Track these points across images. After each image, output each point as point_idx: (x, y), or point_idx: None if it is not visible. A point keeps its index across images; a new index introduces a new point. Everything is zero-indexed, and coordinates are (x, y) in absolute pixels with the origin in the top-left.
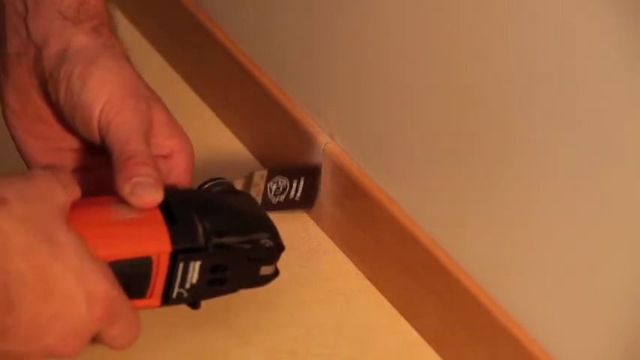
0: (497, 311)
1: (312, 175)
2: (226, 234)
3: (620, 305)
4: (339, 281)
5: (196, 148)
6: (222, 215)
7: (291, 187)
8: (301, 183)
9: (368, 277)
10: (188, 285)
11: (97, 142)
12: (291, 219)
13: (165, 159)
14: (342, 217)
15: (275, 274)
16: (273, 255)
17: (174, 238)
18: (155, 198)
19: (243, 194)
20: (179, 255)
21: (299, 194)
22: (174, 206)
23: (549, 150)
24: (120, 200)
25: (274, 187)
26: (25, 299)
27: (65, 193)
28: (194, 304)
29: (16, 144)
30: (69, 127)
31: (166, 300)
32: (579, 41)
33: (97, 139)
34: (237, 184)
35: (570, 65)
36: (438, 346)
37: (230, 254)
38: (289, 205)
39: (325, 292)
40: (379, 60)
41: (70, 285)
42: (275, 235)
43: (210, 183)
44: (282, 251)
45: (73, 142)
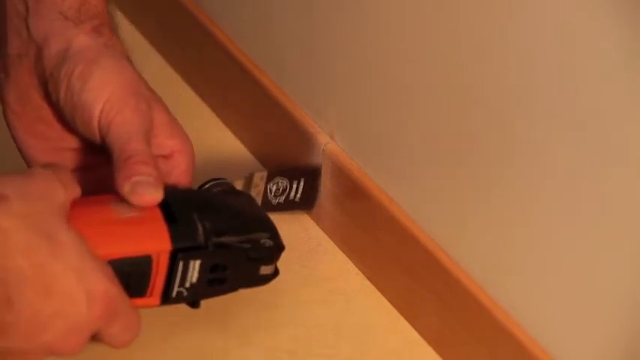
0: (497, 311)
1: (312, 176)
2: (226, 233)
3: (620, 305)
4: (339, 281)
5: (196, 148)
6: (222, 215)
7: (291, 188)
8: (301, 184)
9: (368, 277)
10: (188, 284)
11: (97, 142)
12: (291, 219)
13: (166, 159)
14: (342, 217)
15: (275, 273)
16: (273, 255)
17: (174, 236)
18: (155, 197)
19: (243, 194)
20: (179, 254)
21: (299, 195)
22: (174, 205)
23: (549, 150)
24: (120, 199)
25: (274, 188)
26: (25, 297)
27: (65, 191)
28: (194, 303)
29: (17, 144)
30: (69, 126)
31: (166, 299)
32: (579, 41)
33: (97, 138)
34: (238, 185)
35: (570, 65)
36: (438, 346)
37: (230, 253)
38: (289, 206)
39: (325, 292)
40: (379, 60)
41: (70, 283)
42: (275, 235)
43: (211, 183)
44: (282, 251)
45: (73, 142)
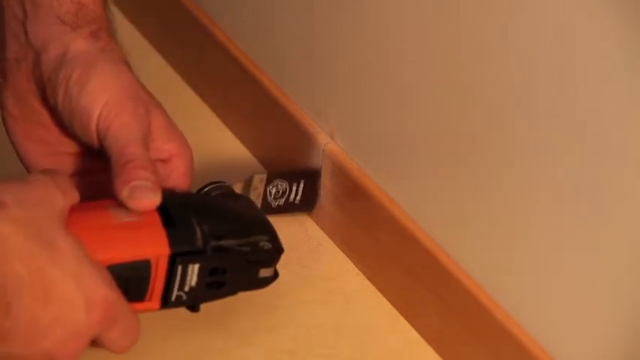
0: (497, 311)
1: (311, 179)
2: (225, 237)
3: (620, 305)
4: (339, 281)
5: (196, 148)
6: (220, 218)
7: (291, 190)
8: (301, 186)
9: (368, 277)
10: (187, 288)
11: (95, 146)
12: (291, 219)
13: (164, 163)
14: (342, 217)
15: (274, 276)
16: (272, 257)
17: (172, 241)
18: (153, 201)
19: (242, 197)
20: (177, 258)
21: (299, 197)
22: (172, 209)
23: (549, 150)
24: (118, 204)
25: (274, 190)
26: (24, 302)
27: (63, 197)
28: (193, 307)
29: (15, 148)
30: (67, 131)
31: (165, 303)
32: (579, 41)
33: (95, 143)
34: (237, 187)
35: (570, 65)
36: (438, 346)
37: (229, 257)
38: (289, 209)
39: (325, 292)
40: (379, 60)
41: (69, 289)
42: (274, 238)
43: (210, 186)
44: (281, 254)
45: (71, 146)
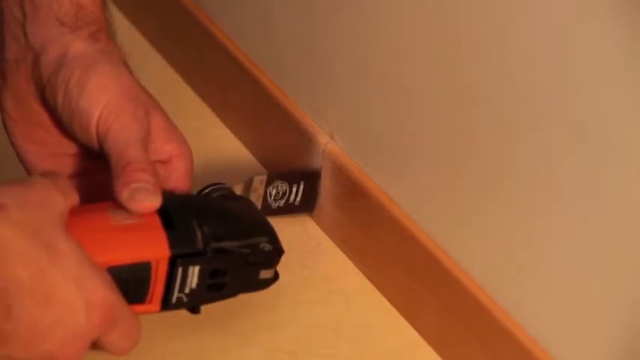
0: (497, 311)
1: (311, 180)
2: (225, 238)
3: (620, 305)
4: (339, 281)
5: (196, 148)
6: (220, 220)
7: (291, 191)
8: (301, 187)
9: (368, 277)
10: (187, 290)
11: (95, 148)
12: (291, 219)
13: (164, 164)
14: (342, 217)
15: (275, 277)
16: (272, 259)
17: (172, 243)
18: (153, 203)
19: (242, 199)
20: (178, 260)
21: (299, 199)
22: (172, 211)
23: (549, 150)
24: (118, 206)
25: (274, 191)
26: (25, 305)
27: (64, 200)
28: (194, 308)
29: (15, 149)
30: (67, 132)
31: (166, 305)
32: (579, 41)
33: (95, 144)
34: (237, 189)
35: (570, 65)
36: (438, 346)
37: (229, 259)
38: (289, 210)
39: (325, 292)
40: (379, 60)
41: (69, 292)
42: (274, 239)
43: (210, 188)
44: (281, 255)
45: (71, 148)
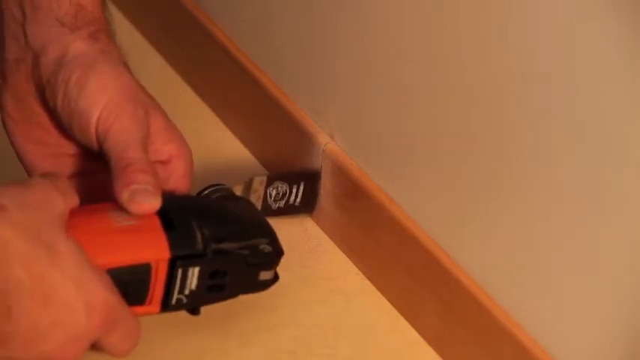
0: (497, 311)
1: (311, 180)
2: (225, 240)
3: (620, 305)
4: (339, 281)
5: (196, 148)
6: (220, 221)
7: (291, 192)
8: (301, 188)
9: (368, 277)
10: (187, 291)
11: (94, 149)
12: (291, 219)
13: (164, 164)
14: (342, 217)
15: (274, 279)
16: (272, 260)
17: (172, 244)
18: (153, 205)
19: (242, 200)
20: (178, 261)
21: (299, 199)
22: (172, 213)
23: (549, 150)
24: (118, 207)
25: (274, 192)
26: (24, 306)
27: (64, 201)
28: (194, 310)
29: (15, 149)
30: (67, 133)
31: (166, 306)
32: (579, 41)
33: (94, 145)
34: (237, 190)
35: (570, 65)
36: (438, 346)
37: (229, 260)
38: (289, 211)
39: (325, 292)
40: (379, 60)
41: (69, 293)
42: (274, 241)
43: (210, 189)
44: (281, 256)
45: (71, 148)
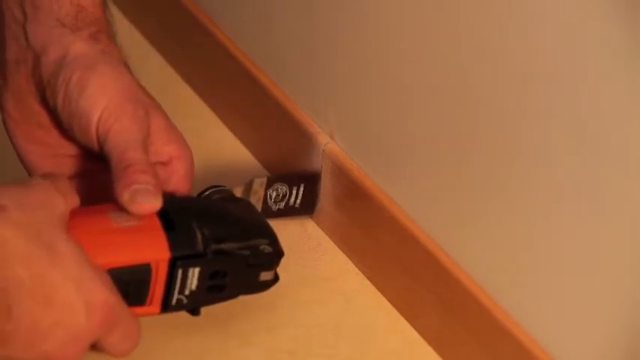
0: (497, 311)
1: (311, 182)
2: (225, 240)
3: (620, 305)
4: (339, 281)
5: (196, 148)
6: (221, 222)
7: (291, 193)
8: (301, 189)
9: (368, 277)
10: (187, 291)
11: (95, 149)
12: (291, 220)
13: (164, 165)
14: (342, 217)
15: (275, 279)
16: (272, 261)
17: (172, 244)
18: (154, 205)
19: (242, 201)
20: (178, 262)
21: (299, 201)
22: (172, 213)
23: (549, 150)
24: (118, 208)
25: (274, 194)
26: (25, 306)
27: (64, 201)
28: (194, 310)
29: (16, 150)
30: (67, 133)
31: (166, 307)
32: (579, 41)
33: (95, 146)
34: (237, 191)
35: (570, 65)
36: (438, 346)
37: (229, 260)
38: (289, 212)
39: (325, 292)
40: (379, 60)
41: (70, 293)
42: (274, 241)
43: (210, 190)
44: (281, 257)
45: (71, 149)
